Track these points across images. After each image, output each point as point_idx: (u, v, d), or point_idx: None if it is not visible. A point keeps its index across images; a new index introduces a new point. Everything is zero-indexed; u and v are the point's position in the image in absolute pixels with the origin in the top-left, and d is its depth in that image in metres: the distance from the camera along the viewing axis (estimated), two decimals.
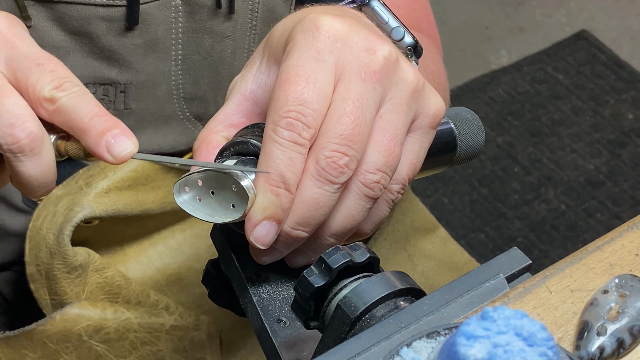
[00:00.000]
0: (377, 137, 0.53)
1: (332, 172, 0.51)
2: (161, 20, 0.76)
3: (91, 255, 0.78)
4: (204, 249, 0.87)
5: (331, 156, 0.51)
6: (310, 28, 0.53)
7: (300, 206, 0.52)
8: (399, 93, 0.54)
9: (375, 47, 0.53)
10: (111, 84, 0.78)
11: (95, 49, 0.76)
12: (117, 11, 0.74)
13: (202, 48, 0.79)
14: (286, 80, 0.52)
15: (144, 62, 0.78)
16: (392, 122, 0.53)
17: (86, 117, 0.52)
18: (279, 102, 0.51)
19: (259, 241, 0.52)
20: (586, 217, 1.94)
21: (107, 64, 0.77)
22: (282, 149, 0.51)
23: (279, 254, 0.55)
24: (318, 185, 0.51)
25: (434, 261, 0.99)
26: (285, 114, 0.51)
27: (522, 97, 2.17)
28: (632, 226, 0.53)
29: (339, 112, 0.51)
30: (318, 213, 0.52)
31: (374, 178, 0.53)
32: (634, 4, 2.39)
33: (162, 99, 0.81)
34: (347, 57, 0.53)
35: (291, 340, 0.54)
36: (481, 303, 0.48)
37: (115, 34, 0.75)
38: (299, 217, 0.52)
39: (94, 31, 0.74)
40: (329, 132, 0.51)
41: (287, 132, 0.51)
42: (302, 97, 0.51)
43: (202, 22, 0.78)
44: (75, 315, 0.77)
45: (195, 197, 0.54)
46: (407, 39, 0.60)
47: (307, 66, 0.52)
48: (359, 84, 0.52)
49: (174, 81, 0.80)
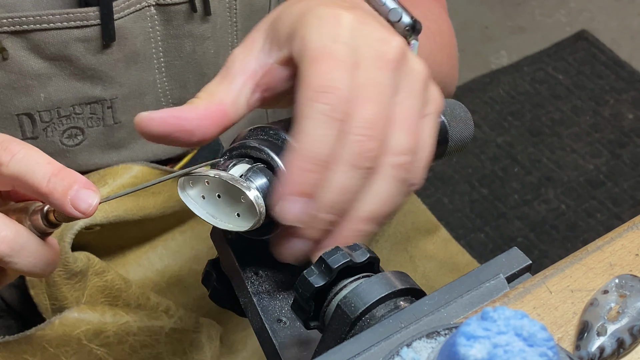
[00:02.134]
0: (399, 122, 0.54)
1: (361, 156, 0.51)
2: (138, 32, 0.76)
3: (91, 259, 0.78)
4: (204, 250, 0.87)
5: (359, 140, 0.51)
6: (327, 16, 0.54)
7: (333, 189, 0.52)
8: (412, 82, 0.55)
9: (388, 38, 0.55)
10: (97, 101, 0.78)
11: (77, 71, 0.75)
12: (92, 30, 0.73)
13: (183, 53, 0.79)
14: (315, 58, 0.52)
15: (127, 75, 0.77)
16: (411, 108, 0.55)
17: (44, 181, 0.52)
18: (312, 79, 0.52)
19: (289, 214, 0.51)
20: (586, 217, 1.94)
21: (90, 83, 0.76)
22: (319, 124, 0.51)
23: (305, 246, 0.54)
24: (345, 170, 0.52)
25: (435, 262, 0.99)
26: (323, 88, 0.51)
27: (522, 97, 2.17)
28: (632, 226, 0.53)
29: (363, 98, 0.52)
30: (347, 197, 0.52)
31: (404, 160, 0.53)
32: (634, 4, 2.39)
33: (151, 107, 0.80)
34: (363, 45, 0.54)
35: (291, 340, 0.54)
36: (481, 303, 0.48)
37: (93, 52, 0.75)
38: (331, 200, 0.52)
39: (73, 53, 0.74)
40: (355, 118, 0.52)
41: (325, 106, 0.51)
42: (334, 74, 0.52)
43: (180, 28, 0.77)
44: (75, 319, 0.77)
45: (200, 194, 0.54)
46: (405, 19, 0.61)
47: (332, 47, 0.53)
48: (376, 71, 0.53)
49: (161, 89, 0.80)
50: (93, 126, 0.79)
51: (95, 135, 0.79)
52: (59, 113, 0.76)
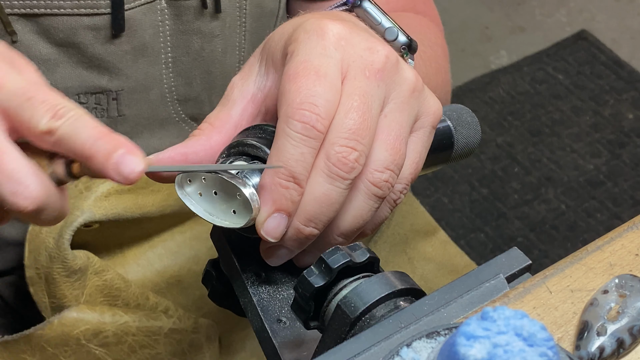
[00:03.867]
0: (383, 135, 0.53)
1: (343, 167, 0.51)
2: (148, 25, 0.76)
3: (90, 258, 0.78)
4: (203, 251, 0.87)
5: (341, 151, 0.51)
6: (314, 28, 0.54)
7: (312, 202, 0.52)
8: (402, 92, 0.55)
9: (376, 47, 0.54)
10: (103, 92, 0.77)
11: (84, 59, 0.75)
12: (102, 19, 0.73)
13: (191, 49, 0.79)
14: (295, 74, 0.52)
15: (134, 67, 0.77)
16: (397, 121, 0.54)
17: (88, 143, 0.50)
18: (290, 95, 0.52)
19: (269, 234, 0.52)
20: (586, 217, 1.94)
21: (97, 73, 0.76)
22: (294, 143, 0.51)
23: (290, 253, 0.55)
24: (329, 182, 0.52)
25: (433, 264, 0.99)
26: (299, 105, 0.51)
27: (522, 97, 2.17)
28: (632, 226, 0.53)
29: (347, 108, 0.52)
30: (329, 209, 0.52)
31: (383, 177, 0.53)
32: (634, 4, 2.39)
33: (155, 102, 0.81)
34: (352, 55, 0.54)
35: (291, 340, 0.54)
36: (481, 303, 0.48)
37: (102, 42, 0.75)
38: (310, 213, 0.52)
39: (81, 41, 0.74)
40: (337, 128, 0.52)
41: (300, 124, 0.51)
42: (314, 89, 0.51)
43: (190, 24, 0.77)
44: (74, 319, 0.77)
45: (197, 191, 0.54)
46: (400, 38, 0.61)
47: (315, 61, 0.52)
48: (364, 81, 0.53)
49: (166, 84, 0.80)
50: (97, 117, 0.79)
51: None
52: None
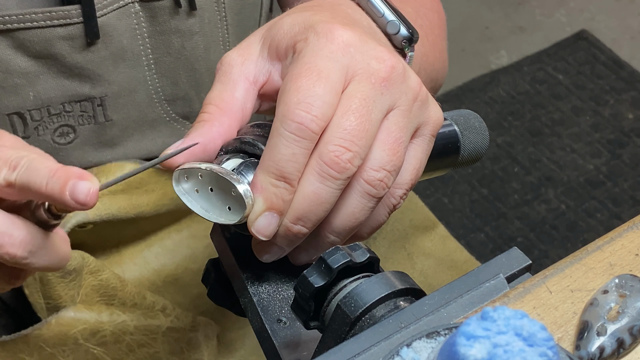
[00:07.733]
0: (382, 137, 0.54)
1: (335, 167, 0.51)
2: (124, 29, 0.75)
3: (85, 258, 0.78)
4: (200, 249, 0.87)
5: (334, 150, 0.51)
6: (324, 32, 0.54)
7: (301, 201, 0.52)
8: (406, 101, 0.55)
9: (384, 56, 0.54)
10: (87, 99, 0.77)
11: (64, 69, 0.75)
12: (76, 28, 0.73)
13: (172, 49, 0.79)
14: (298, 74, 0.52)
15: (115, 72, 0.77)
16: (398, 125, 0.54)
17: (43, 184, 0.52)
18: (289, 94, 0.52)
19: (260, 232, 0.52)
20: (586, 217, 1.94)
21: (78, 81, 0.76)
22: (286, 143, 0.51)
23: (281, 251, 0.55)
24: (320, 181, 0.52)
25: (433, 259, 0.99)
26: (295, 105, 0.51)
27: (522, 97, 2.17)
28: (632, 226, 0.53)
29: (345, 109, 0.52)
30: (318, 209, 0.52)
31: (378, 176, 0.53)
32: (634, 4, 2.39)
33: (142, 104, 0.80)
34: (359, 62, 0.54)
35: (291, 340, 0.54)
36: (481, 303, 0.48)
37: (79, 50, 0.74)
38: (299, 212, 0.52)
39: (58, 52, 0.74)
40: (333, 128, 0.52)
41: (294, 124, 0.51)
42: (313, 90, 0.51)
43: (166, 24, 0.77)
44: (71, 318, 0.76)
45: (194, 188, 0.54)
46: (402, 31, 0.61)
47: (319, 63, 0.53)
48: (368, 86, 0.53)
49: (152, 86, 0.80)
50: (84, 124, 0.78)
51: (87, 133, 0.79)
52: (49, 111, 0.76)
